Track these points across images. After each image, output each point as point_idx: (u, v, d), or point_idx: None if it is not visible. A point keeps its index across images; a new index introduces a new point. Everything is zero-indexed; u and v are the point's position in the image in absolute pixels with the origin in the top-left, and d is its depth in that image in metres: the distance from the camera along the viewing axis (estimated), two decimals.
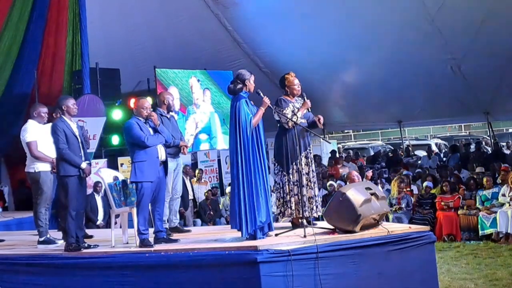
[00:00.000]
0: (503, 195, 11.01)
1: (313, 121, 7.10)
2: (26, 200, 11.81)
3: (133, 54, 15.30)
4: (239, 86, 6.54)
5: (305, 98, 7.06)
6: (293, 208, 6.80)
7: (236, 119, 6.40)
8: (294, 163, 6.81)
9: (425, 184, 12.37)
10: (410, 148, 20.18)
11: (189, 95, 14.85)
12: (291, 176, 6.82)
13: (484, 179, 11.61)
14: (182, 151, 7.41)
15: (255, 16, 15.77)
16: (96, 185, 10.65)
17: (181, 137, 7.63)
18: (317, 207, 6.93)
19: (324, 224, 6.85)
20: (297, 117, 6.88)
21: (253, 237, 6.30)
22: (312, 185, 6.93)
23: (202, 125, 14.95)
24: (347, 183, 9.84)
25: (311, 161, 7.00)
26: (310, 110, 7.08)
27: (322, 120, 7.06)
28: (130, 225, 7.18)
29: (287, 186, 6.84)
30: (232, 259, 5.95)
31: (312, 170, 6.98)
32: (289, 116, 6.83)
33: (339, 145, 24.59)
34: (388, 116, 19.24)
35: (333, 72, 16.55)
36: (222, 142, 14.87)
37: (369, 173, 12.76)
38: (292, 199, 6.81)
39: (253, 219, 6.26)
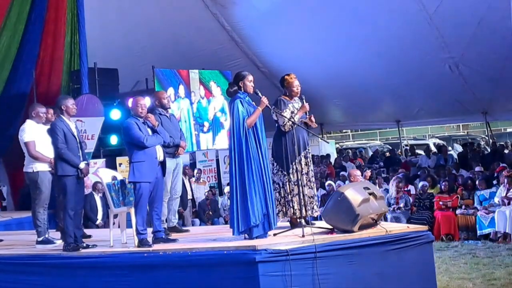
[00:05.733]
0: (499, 196, 11.01)
1: (304, 122, 7.12)
2: (25, 200, 11.82)
3: (131, 54, 15.31)
4: (234, 88, 6.57)
5: (304, 101, 7.04)
6: (295, 207, 6.80)
7: (231, 119, 6.45)
8: (294, 163, 6.82)
9: (421, 183, 12.37)
10: (414, 147, 20.18)
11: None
12: (291, 176, 6.82)
13: (477, 182, 11.64)
14: (177, 151, 7.40)
15: (253, 15, 15.78)
16: (96, 184, 10.64)
17: (181, 136, 7.63)
18: (316, 206, 6.94)
19: (323, 223, 6.86)
20: (294, 119, 6.86)
21: (249, 235, 6.32)
22: (311, 184, 6.95)
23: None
24: (349, 182, 9.80)
25: (310, 161, 7.00)
26: (307, 113, 7.07)
27: (313, 119, 7.08)
28: (129, 225, 7.18)
29: (287, 186, 6.83)
30: (231, 258, 5.94)
31: (311, 170, 6.98)
32: (287, 117, 6.83)
33: (337, 145, 24.59)
34: (387, 115, 19.29)
35: (331, 71, 16.55)
36: None
37: (368, 173, 12.76)
38: (294, 199, 6.80)
39: (245, 219, 6.28)
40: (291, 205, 6.81)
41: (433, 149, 20.04)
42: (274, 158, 6.95)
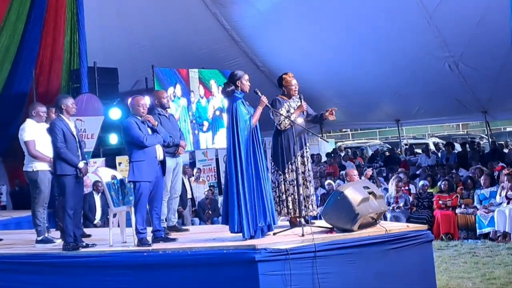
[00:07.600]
0: (500, 195, 11.01)
1: (321, 114, 7.09)
2: (24, 200, 11.81)
3: (131, 53, 15.31)
4: (231, 87, 6.52)
5: (302, 100, 7.02)
6: (290, 207, 6.81)
7: (234, 120, 6.37)
8: (290, 163, 6.81)
9: (421, 183, 12.37)
10: (413, 147, 20.19)
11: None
12: (286, 176, 6.82)
13: (482, 178, 11.62)
14: (177, 151, 7.38)
15: (252, 15, 15.78)
16: (96, 184, 10.63)
17: (181, 135, 7.62)
18: (312, 205, 6.92)
19: (322, 223, 6.85)
20: (291, 118, 6.84)
21: (253, 238, 6.31)
22: (307, 184, 6.93)
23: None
24: (346, 181, 9.83)
25: (308, 160, 6.98)
26: (304, 113, 7.05)
27: (334, 112, 7.05)
28: (128, 224, 7.18)
29: (283, 186, 6.84)
30: (230, 258, 5.94)
31: (308, 169, 6.96)
32: (284, 115, 6.81)
33: (338, 144, 24.56)
34: (386, 115, 19.26)
35: (331, 70, 16.56)
36: None
37: (369, 172, 12.73)
38: (289, 198, 6.81)
39: (254, 221, 6.24)
40: (285, 205, 6.81)
41: (433, 148, 20.02)
42: (272, 158, 6.96)
